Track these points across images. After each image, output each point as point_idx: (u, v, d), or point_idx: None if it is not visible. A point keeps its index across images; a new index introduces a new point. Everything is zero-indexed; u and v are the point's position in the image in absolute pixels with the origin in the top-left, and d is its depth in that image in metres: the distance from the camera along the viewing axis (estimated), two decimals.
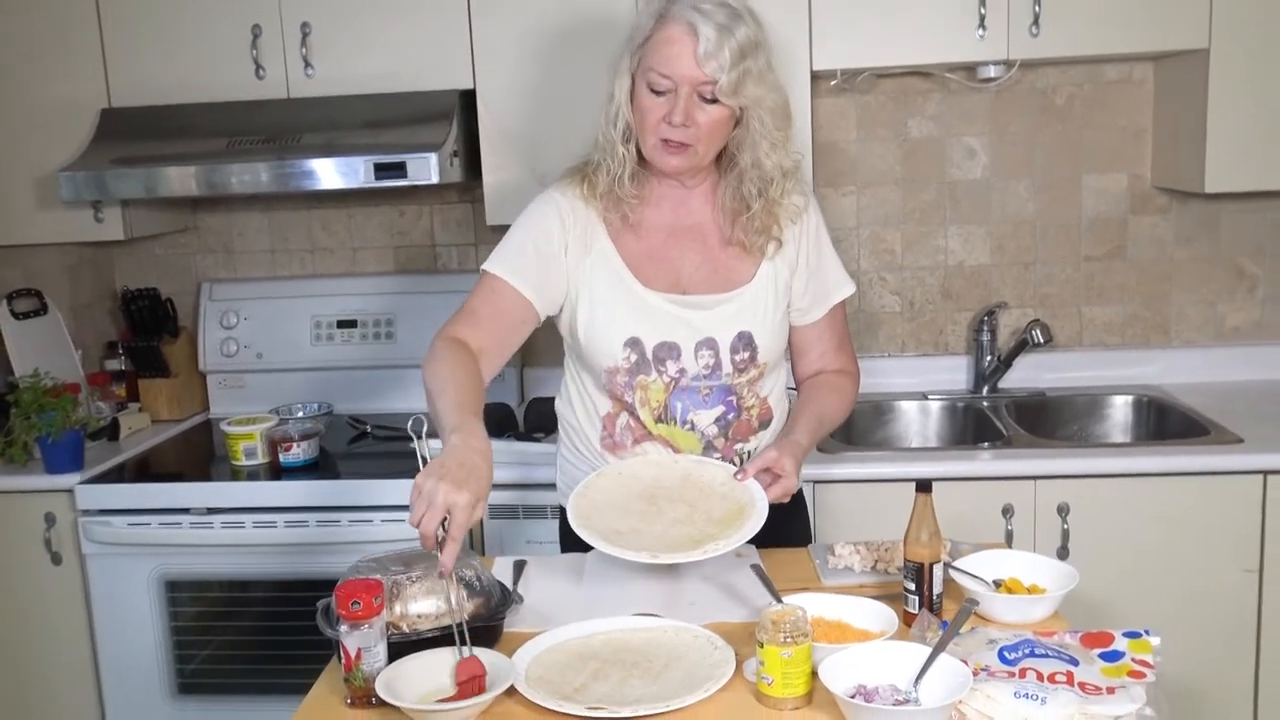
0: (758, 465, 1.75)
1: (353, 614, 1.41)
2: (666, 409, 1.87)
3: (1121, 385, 2.94)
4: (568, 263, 1.86)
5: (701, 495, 1.76)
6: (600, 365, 1.87)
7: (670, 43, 1.73)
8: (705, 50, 1.71)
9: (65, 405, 2.58)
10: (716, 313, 1.85)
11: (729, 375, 1.87)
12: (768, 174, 1.82)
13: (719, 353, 1.85)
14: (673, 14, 1.74)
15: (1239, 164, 2.54)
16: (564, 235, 1.86)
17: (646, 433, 1.88)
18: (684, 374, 1.85)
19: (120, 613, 2.57)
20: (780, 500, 1.75)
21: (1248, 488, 2.37)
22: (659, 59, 1.74)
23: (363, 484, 2.51)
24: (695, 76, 1.73)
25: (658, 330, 1.84)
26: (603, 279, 1.86)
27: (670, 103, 1.75)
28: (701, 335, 1.85)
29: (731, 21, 1.72)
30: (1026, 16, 2.51)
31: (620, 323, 1.85)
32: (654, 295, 1.85)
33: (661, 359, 1.85)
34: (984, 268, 3.00)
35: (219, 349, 3.07)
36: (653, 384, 1.86)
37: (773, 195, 1.84)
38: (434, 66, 2.64)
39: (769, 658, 1.37)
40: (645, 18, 1.78)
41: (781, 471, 1.74)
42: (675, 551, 1.64)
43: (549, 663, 1.49)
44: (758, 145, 1.80)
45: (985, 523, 2.40)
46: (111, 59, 2.70)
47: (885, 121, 2.96)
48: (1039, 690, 1.32)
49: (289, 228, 3.15)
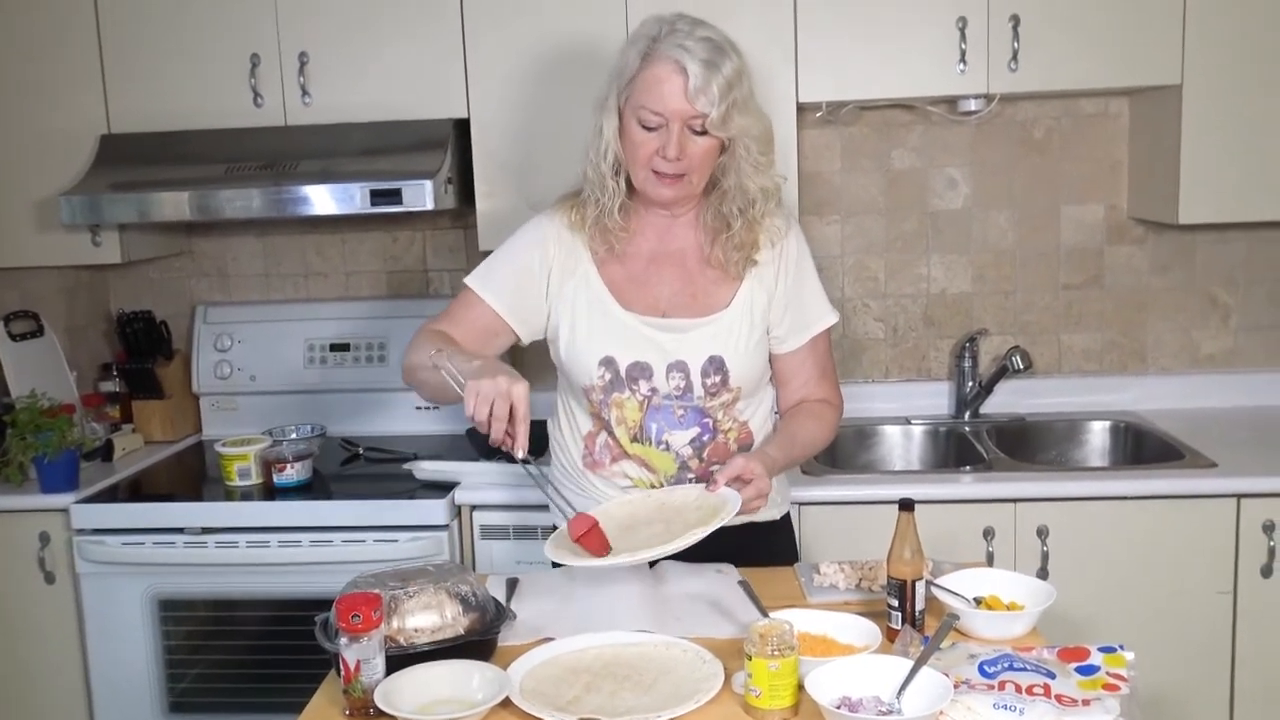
0: (727, 474, 1.76)
1: (353, 627, 1.45)
2: (642, 429, 1.91)
3: (1099, 411, 3.00)
4: (549, 288, 1.93)
5: (676, 513, 1.80)
6: (579, 383, 1.93)
7: (660, 81, 1.79)
8: (695, 86, 1.77)
9: (61, 426, 2.61)
10: (690, 336, 1.90)
11: (700, 398, 1.91)
12: (751, 195, 1.88)
13: (689, 375, 1.90)
14: (659, 52, 1.79)
15: (1211, 196, 2.61)
16: (546, 261, 1.93)
17: (623, 451, 1.93)
18: (655, 393, 1.90)
19: (113, 631, 2.59)
20: (755, 503, 1.77)
21: (1221, 511, 2.43)
22: (649, 97, 1.79)
23: (355, 505, 2.55)
24: (686, 112, 1.79)
25: (631, 350, 1.90)
26: (583, 301, 1.92)
27: (661, 137, 1.81)
28: (673, 358, 1.90)
29: (716, 56, 1.78)
30: (1006, 53, 2.58)
31: (596, 342, 1.91)
32: (631, 317, 1.91)
33: (634, 378, 1.90)
34: (965, 295, 3.06)
35: (213, 371, 3.10)
36: (627, 402, 1.91)
37: (754, 215, 1.89)
38: (429, 96, 2.69)
39: (757, 670, 1.41)
40: (631, 57, 1.83)
41: (751, 476, 1.76)
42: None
43: (543, 676, 1.53)
44: (742, 169, 1.87)
45: (967, 545, 2.44)
46: (111, 86, 2.75)
47: (869, 152, 3.02)
48: (1017, 702, 1.36)
49: (283, 252, 3.19)
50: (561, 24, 2.64)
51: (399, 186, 2.55)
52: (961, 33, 2.58)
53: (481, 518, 2.55)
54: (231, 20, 2.70)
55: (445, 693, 1.47)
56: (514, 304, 1.93)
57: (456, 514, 2.56)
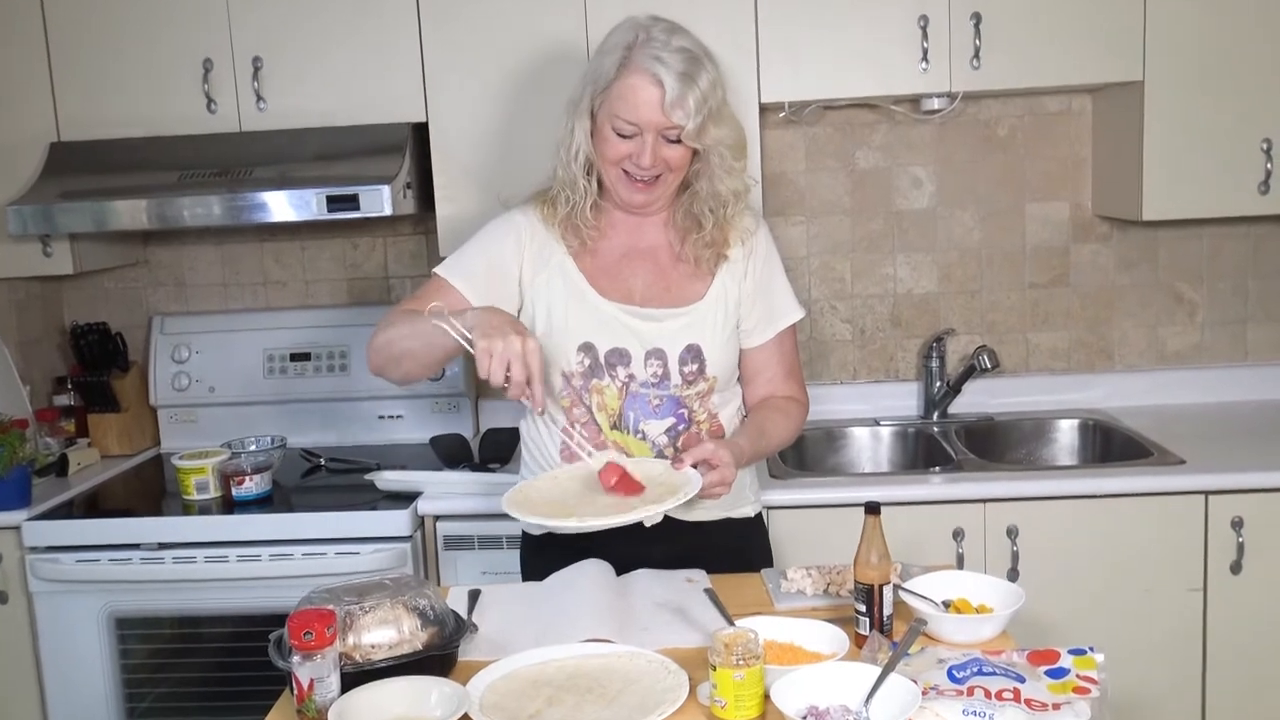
0: (694, 455, 1.77)
1: (305, 644, 1.41)
2: (621, 416, 1.91)
3: (1067, 409, 3.00)
4: (521, 279, 1.94)
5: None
6: (557, 370, 1.92)
7: (635, 90, 1.79)
8: (670, 100, 1.78)
9: (12, 441, 2.55)
10: (666, 325, 1.91)
11: (678, 386, 1.91)
12: (722, 198, 1.90)
13: (667, 363, 1.90)
14: (635, 63, 1.79)
15: (1174, 192, 2.61)
16: (519, 253, 1.94)
17: (602, 440, 1.91)
18: (633, 379, 1.90)
19: (69, 651, 2.53)
20: (717, 490, 1.77)
21: (1190, 508, 2.42)
22: (624, 107, 1.80)
23: (316, 517, 2.50)
24: (661, 123, 1.80)
25: (609, 337, 1.90)
26: (560, 288, 1.92)
27: (636, 145, 1.83)
28: (651, 345, 1.90)
29: (692, 68, 1.79)
30: (968, 50, 2.57)
31: (575, 328, 1.91)
32: (608, 304, 1.91)
33: (613, 364, 1.90)
34: (932, 295, 3.05)
35: (170, 383, 3.04)
36: (607, 388, 1.91)
37: (725, 216, 1.91)
38: (386, 99, 2.66)
39: (722, 680, 1.38)
40: (608, 64, 1.83)
41: (718, 461, 1.76)
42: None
43: (504, 690, 1.49)
44: (715, 174, 1.89)
45: (936, 546, 2.43)
46: (60, 92, 2.69)
47: (833, 152, 3.01)
48: (987, 708, 1.34)
49: (241, 261, 3.14)
50: (520, 25, 2.60)
51: (356, 192, 2.51)
52: (923, 31, 2.57)
53: (445, 528, 2.51)
54: (183, 24, 2.65)
55: (402, 710, 1.42)
56: (486, 292, 1.91)
57: (420, 525, 2.52)
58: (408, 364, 1.88)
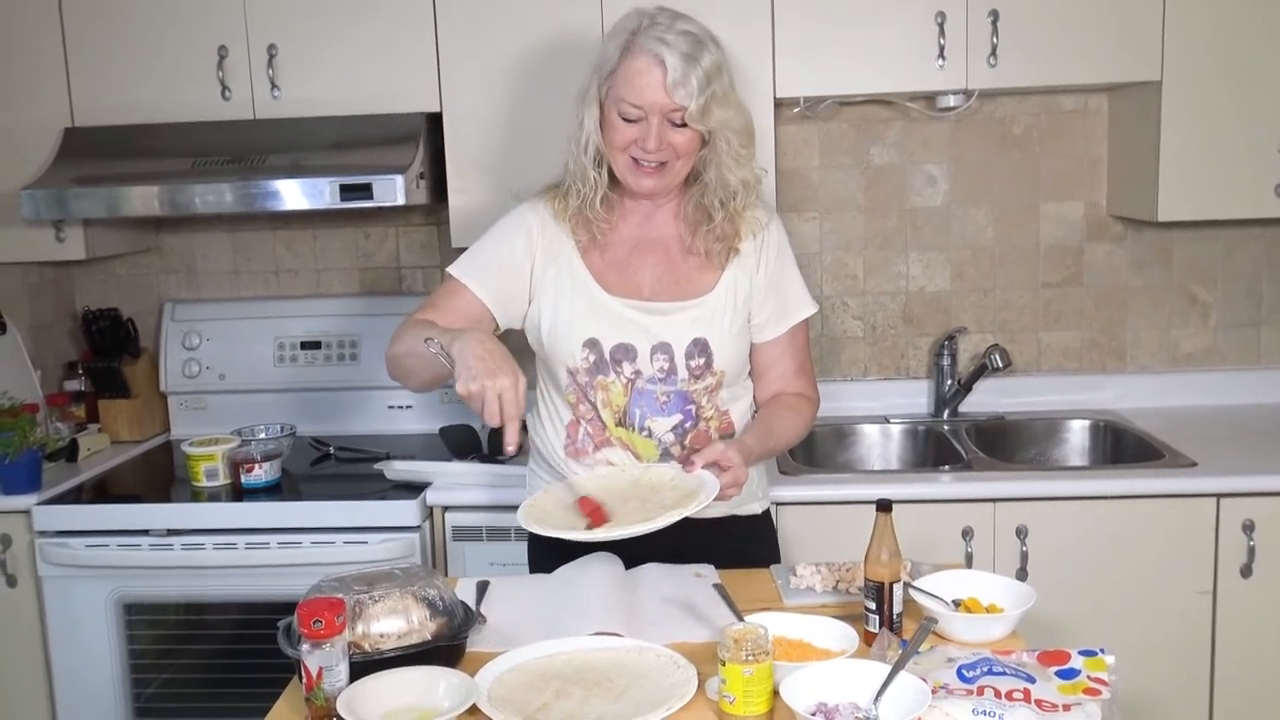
0: (705, 458, 1.78)
1: (315, 632, 1.41)
2: (626, 413, 1.90)
3: (1078, 410, 2.98)
4: (532, 275, 1.93)
5: (652, 491, 1.80)
6: (563, 365, 1.91)
7: (639, 73, 1.79)
8: (673, 80, 1.78)
9: (23, 426, 2.55)
10: (674, 319, 1.90)
11: (685, 381, 1.90)
12: (732, 188, 1.89)
13: (674, 358, 1.90)
14: (639, 45, 1.80)
15: (1190, 193, 2.60)
16: (530, 249, 1.93)
17: (606, 438, 1.91)
18: (639, 375, 1.89)
19: (77, 636, 2.54)
20: (730, 491, 1.77)
21: (1201, 510, 2.41)
22: (629, 89, 1.80)
23: (325, 505, 2.50)
24: (665, 105, 1.80)
25: (615, 332, 1.90)
26: (566, 285, 1.92)
27: (642, 130, 1.82)
28: (657, 340, 1.90)
29: (695, 49, 1.79)
30: (985, 48, 2.56)
31: (580, 324, 1.90)
32: (614, 300, 1.91)
33: (618, 360, 1.90)
34: (944, 293, 3.04)
35: (181, 370, 3.04)
36: (612, 385, 1.90)
37: (735, 207, 1.91)
38: (401, 89, 2.65)
39: (731, 676, 1.38)
40: (612, 49, 1.84)
41: (729, 463, 1.77)
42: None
43: (512, 682, 1.49)
44: (723, 162, 1.88)
45: (945, 545, 2.42)
46: (75, 78, 2.69)
47: (847, 149, 3.00)
48: (996, 708, 1.33)
49: (253, 248, 3.14)
50: (536, 15, 2.60)
51: (369, 181, 2.50)
52: (940, 28, 2.55)
53: (454, 519, 2.51)
54: (198, 11, 2.65)
55: (410, 700, 1.42)
56: (498, 291, 1.92)
57: (429, 515, 2.52)
58: (421, 377, 1.90)
